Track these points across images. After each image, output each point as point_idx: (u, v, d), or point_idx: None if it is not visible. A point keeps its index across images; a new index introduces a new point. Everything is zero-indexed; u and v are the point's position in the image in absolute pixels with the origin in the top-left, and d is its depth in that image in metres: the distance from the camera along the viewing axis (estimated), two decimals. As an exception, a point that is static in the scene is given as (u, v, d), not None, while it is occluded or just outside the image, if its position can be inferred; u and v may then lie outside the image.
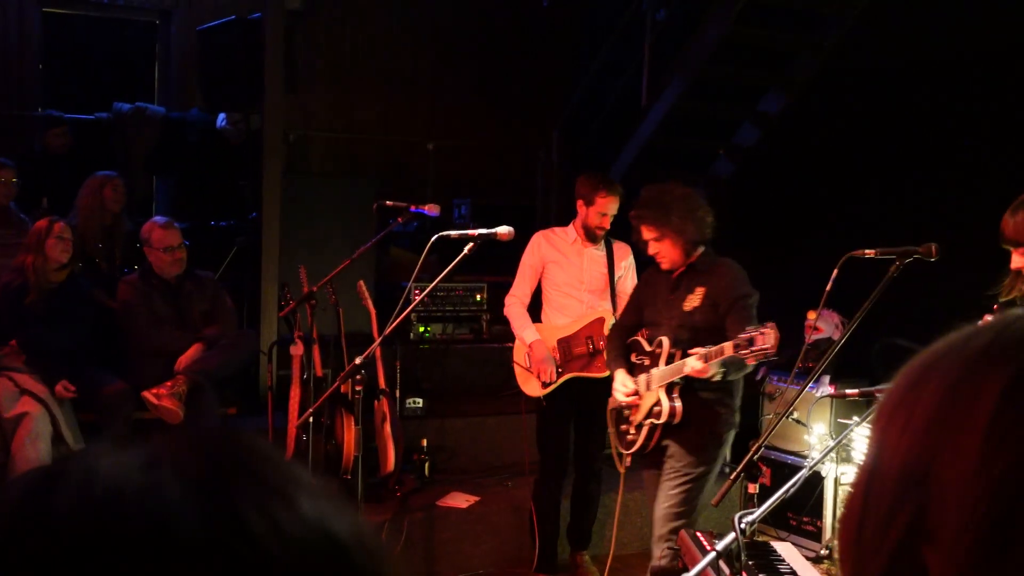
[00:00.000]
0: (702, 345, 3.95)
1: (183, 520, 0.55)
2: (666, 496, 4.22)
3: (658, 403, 4.16)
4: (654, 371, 4.19)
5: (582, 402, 5.01)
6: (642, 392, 4.25)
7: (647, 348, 4.30)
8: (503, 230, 3.89)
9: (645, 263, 4.64)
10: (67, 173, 7.07)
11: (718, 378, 4.03)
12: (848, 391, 3.62)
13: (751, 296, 4.14)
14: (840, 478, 5.48)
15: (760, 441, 3.00)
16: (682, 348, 4.11)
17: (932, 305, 4.45)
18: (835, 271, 3.11)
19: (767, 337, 3.63)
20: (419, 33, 9.58)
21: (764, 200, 7.79)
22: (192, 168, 8.28)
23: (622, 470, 4.50)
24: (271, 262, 6.57)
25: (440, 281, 3.95)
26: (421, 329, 7.00)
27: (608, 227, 4.97)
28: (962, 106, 6.47)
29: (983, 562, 0.63)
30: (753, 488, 3.08)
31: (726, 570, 2.66)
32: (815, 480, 5.46)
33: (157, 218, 5.83)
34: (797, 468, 4.11)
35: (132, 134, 8.05)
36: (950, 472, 0.65)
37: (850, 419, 5.05)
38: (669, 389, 4.15)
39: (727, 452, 4.41)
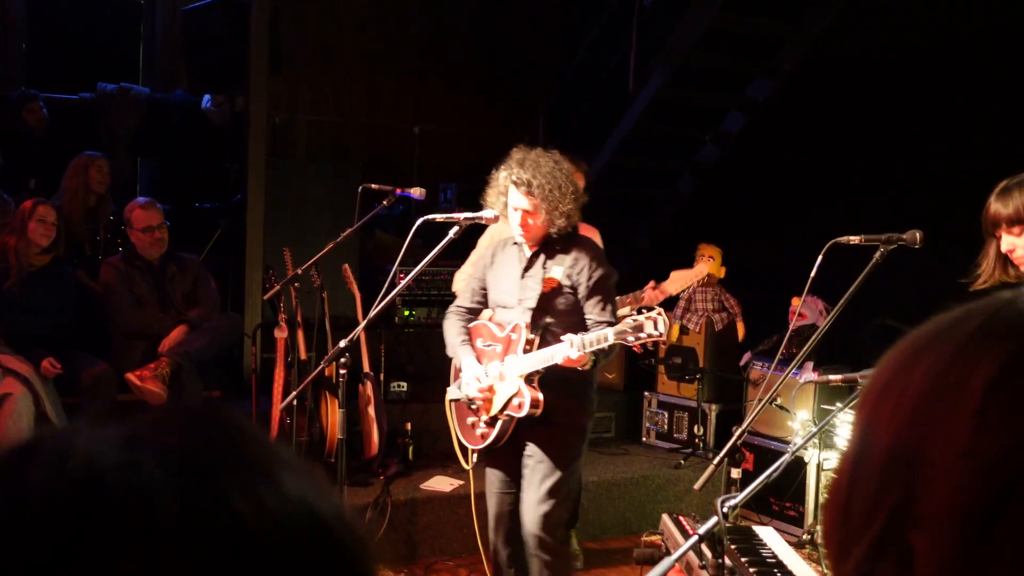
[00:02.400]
0: (560, 330, 3.73)
1: (163, 498, 0.53)
2: (541, 498, 3.90)
3: (518, 394, 3.80)
4: (511, 359, 3.84)
5: None
6: (495, 383, 3.89)
7: (499, 334, 3.93)
8: (488, 214, 3.86)
9: (612, 241, 4.45)
10: (51, 153, 7.02)
11: (588, 366, 3.73)
12: (831, 377, 3.63)
13: (611, 277, 3.88)
14: (823, 464, 5.51)
15: (743, 426, 3.01)
16: (540, 334, 3.80)
17: (916, 291, 4.47)
18: (819, 258, 3.11)
19: (658, 323, 3.44)
20: (406, 17, 9.52)
21: (750, 187, 7.80)
22: (176, 150, 8.23)
23: (468, 467, 4.14)
24: (255, 245, 6.55)
25: (425, 265, 3.93)
26: (406, 313, 6.99)
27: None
28: (947, 93, 6.49)
29: (969, 547, 0.63)
30: (736, 473, 3.09)
31: (708, 554, 2.67)
32: (798, 466, 5.49)
33: (139, 199, 5.81)
34: (780, 453, 4.12)
35: (116, 115, 7.99)
36: (938, 456, 0.65)
37: (833, 405, 5.06)
38: (529, 379, 3.80)
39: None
